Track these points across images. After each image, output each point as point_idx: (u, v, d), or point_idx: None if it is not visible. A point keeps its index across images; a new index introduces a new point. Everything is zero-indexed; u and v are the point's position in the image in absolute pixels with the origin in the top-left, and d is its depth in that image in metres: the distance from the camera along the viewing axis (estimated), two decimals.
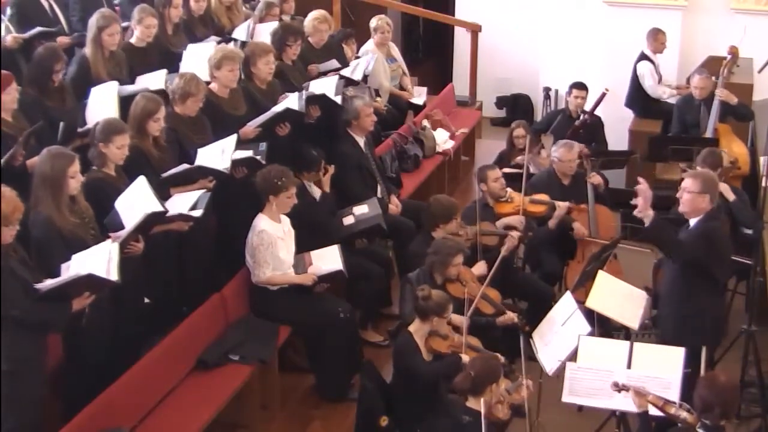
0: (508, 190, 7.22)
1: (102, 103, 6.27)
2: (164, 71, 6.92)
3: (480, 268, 6.43)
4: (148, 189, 5.43)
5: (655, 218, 5.53)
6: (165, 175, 5.88)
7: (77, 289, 4.76)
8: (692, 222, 5.71)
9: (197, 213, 5.71)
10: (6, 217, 4.56)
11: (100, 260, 4.84)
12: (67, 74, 6.75)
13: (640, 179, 5.67)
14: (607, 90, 8.78)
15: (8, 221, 4.58)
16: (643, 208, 5.52)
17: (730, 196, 6.86)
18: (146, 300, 5.79)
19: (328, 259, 6.43)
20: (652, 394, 4.73)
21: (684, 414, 4.55)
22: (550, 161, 8.02)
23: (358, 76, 7.85)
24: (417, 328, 5.58)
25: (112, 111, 6.16)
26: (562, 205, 7.17)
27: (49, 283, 4.69)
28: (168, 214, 5.50)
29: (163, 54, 7.55)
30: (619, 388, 4.85)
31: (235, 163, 6.25)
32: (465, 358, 5.47)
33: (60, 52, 6.45)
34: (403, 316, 6.09)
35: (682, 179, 7.74)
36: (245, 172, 6.34)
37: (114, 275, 4.80)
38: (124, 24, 7.46)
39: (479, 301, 6.05)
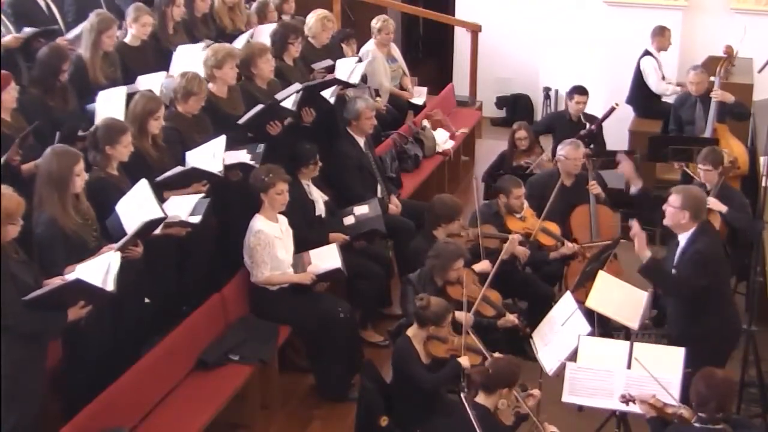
0: (526, 205, 7.17)
1: (111, 108, 6.20)
2: (164, 73, 6.89)
3: (483, 265, 6.42)
4: (150, 193, 5.41)
5: (651, 259, 5.73)
6: (159, 178, 5.83)
7: (69, 297, 4.70)
8: (681, 238, 5.73)
9: (195, 219, 5.69)
10: (11, 215, 4.56)
11: (98, 271, 4.79)
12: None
13: (632, 223, 5.82)
14: (617, 105, 8.72)
15: (13, 218, 4.58)
16: (640, 248, 5.74)
17: (722, 209, 6.74)
18: (146, 300, 5.79)
19: (326, 258, 6.44)
20: (653, 397, 4.77)
21: (681, 411, 4.66)
22: (553, 163, 8.01)
23: (355, 80, 7.83)
24: (415, 333, 5.57)
25: (120, 115, 6.09)
26: (569, 246, 7.10)
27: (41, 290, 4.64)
28: (167, 220, 5.48)
29: (159, 53, 7.48)
30: (627, 399, 4.91)
31: (229, 167, 6.23)
32: (463, 360, 5.46)
33: (66, 52, 6.42)
34: (406, 316, 6.09)
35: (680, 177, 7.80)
36: (239, 175, 6.32)
37: (110, 286, 4.74)
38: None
39: (479, 303, 6.04)
